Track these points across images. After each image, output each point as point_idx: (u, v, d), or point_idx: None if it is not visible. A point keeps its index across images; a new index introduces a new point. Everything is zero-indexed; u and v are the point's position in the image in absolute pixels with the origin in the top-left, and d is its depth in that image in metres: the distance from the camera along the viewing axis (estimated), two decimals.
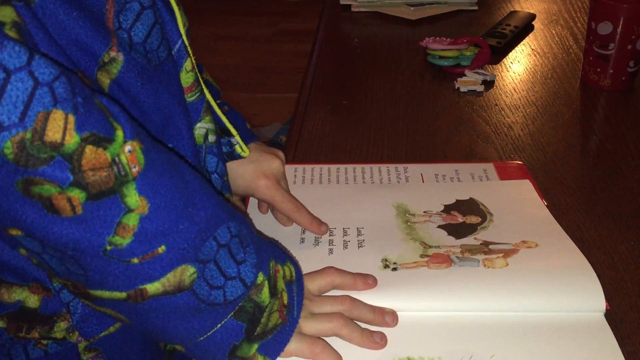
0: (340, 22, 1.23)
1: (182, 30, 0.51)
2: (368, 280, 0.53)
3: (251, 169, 0.61)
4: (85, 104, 0.35)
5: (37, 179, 0.34)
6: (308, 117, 0.87)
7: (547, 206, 0.64)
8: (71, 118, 0.34)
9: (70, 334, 0.49)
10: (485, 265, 0.55)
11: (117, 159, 0.36)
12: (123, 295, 0.40)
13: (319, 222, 0.60)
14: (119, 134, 0.36)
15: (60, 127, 0.34)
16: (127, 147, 0.37)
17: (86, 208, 0.36)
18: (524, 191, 0.67)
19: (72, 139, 0.34)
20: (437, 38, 1.03)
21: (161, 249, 0.39)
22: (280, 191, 0.61)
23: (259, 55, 2.96)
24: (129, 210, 0.37)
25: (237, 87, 2.60)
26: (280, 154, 0.64)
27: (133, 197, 0.37)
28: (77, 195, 0.35)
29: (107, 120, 0.36)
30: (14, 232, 0.37)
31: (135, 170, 0.37)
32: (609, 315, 0.51)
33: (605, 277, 0.55)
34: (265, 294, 0.44)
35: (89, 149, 0.35)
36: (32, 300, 0.47)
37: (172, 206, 0.39)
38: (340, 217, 0.63)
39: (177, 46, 0.51)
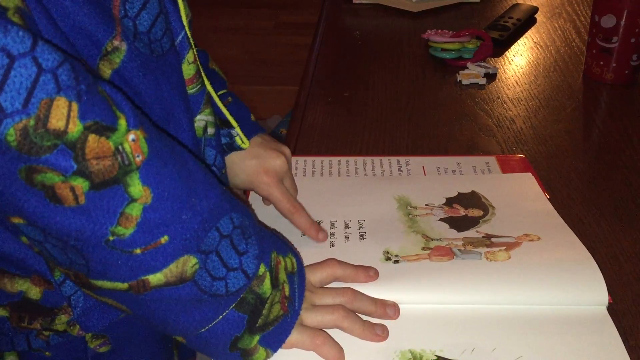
0: (342, 14, 1.22)
1: (185, 22, 0.51)
2: (370, 273, 0.52)
3: (253, 165, 0.60)
4: (89, 92, 0.34)
5: (40, 167, 0.34)
6: (309, 109, 0.87)
7: (549, 199, 0.64)
8: (74, 106, 0.34)
9: (71, 327, 0.49)
10: (487, 258, 0.54)
11: (120, 147, 0.36)
12: (125, 285, 0.39)
13: (317, 227, 0.58)
14: (122, 122, 0.36)
15: (63, 115, 0.33)
16: (131, 136, 0.36)
17: (89, 198, 0.35)
18: (526, 184, 0.67)
19: (75, 127, 0.34)
20: (439, 30, 1.03)
21: (164, 239, 0.38)
22: (280, 190, 0.59)
23: (259, 47, 2.95)
24: (132, 200, 0.37)
25: (237, 80, 2.58)
26: (286, 150, 0.63)
27: (136, 187, 0.36)
28: (80, 184, 0.35)
29: (110, 108, 0.36)
30: (16, 220, 0.37)
31: (139, 159, 0.36)
32: (612, 309, 0.51)
33: (608, 270, 0.55)
34: (266, 285, 0.44)
35: (92, 138, 0.34)
36: (34, 292, 0.47)
37: (176, 196, 0.39)
38: (341, 209, 0.63)
39: (180, 37, 0.50)
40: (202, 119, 0.54)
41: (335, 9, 1.24)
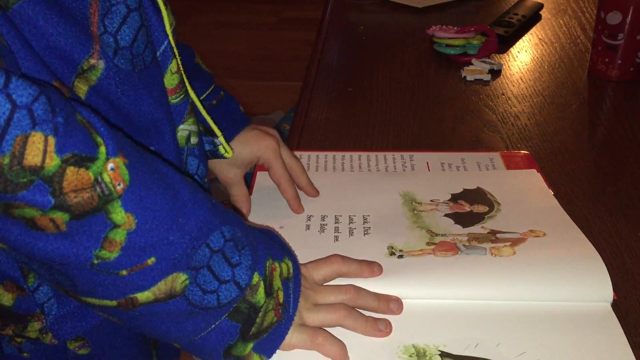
0: (346, 9, 1.22)
1: (169, 31, 0.50)
2: (374, 268, 0.52)
3: (254, 134, 0.64)
4: (67, 124, 0.34)
5: (17, 204, 0.33)
6: (313, 104, 0.87)
7: (554, 196, 0.64)
8: (51, 140, 0.33)
9: (44, 335, 0.48)
10: (492, 254, 0.54)
11: (99, 178, 0.35)
12: (113, 303, 0.39)
13: (299, 201, 0.62)
14: (102, 150, 0.35)
15: (39, 150, 0.32)
16: (110, 165, 0.35)
17: (71, 226, 0.35)
18: (532, 180, 0.66)
19: (52, 162, 0.33)
20: (444, 26, 1.02)
21: (150, 260, 0.38)
22: (280, 159, 0.63)
23: (262, 43, 2.95)
24: (116, 226, 0.36)
25: (240, 75, 2.59)
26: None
27: (119, 214, 0.36)
28: (60, 216, 0.34)
29: (90, 137, 0.35)
30: (0, 245, 0.36)
31: (120, 187, 0.36)
32: (616, 306, 0.51)
33: (612, 267, 0.55)
34: (260, 294, 0.44)
35: (70, 170, 0.34)
36: (6, 298, 0.47)
37: (161, 219, 0.38)
38: (345, 204, 0.63)
39: (163, 47, 0.50)
40: (185, 129, 0.54)
41: (339, 5, 1.23)
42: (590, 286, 0.51)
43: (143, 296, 0.39)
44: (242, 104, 0.68)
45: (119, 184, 0.36)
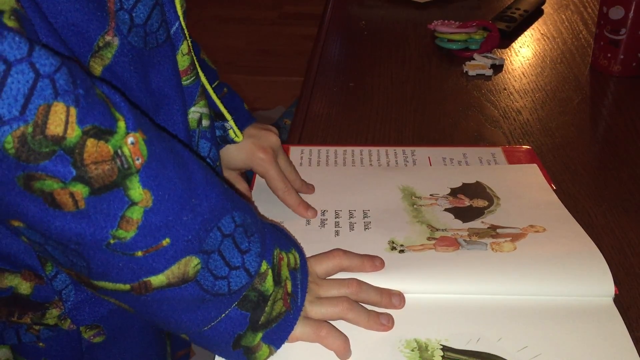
0: (347, 4, 1.21)
1: (180, 12, 0.50)
2: (375, 262, 0.52)
3: (250, 143, 0.63)
4: (87, 96, 0.34)
5: (38, 174, 0.33)
6: (314, 99, 0.86)
7: (555, 191, 0.64)
8: (73, 111, 0.33)
9: (62, 322, 0.49)
10: (493, 249, 0.54)
11: (119, 151, 0.35)
12: (126, 287, 0.39)
13: (306, 205, 0.61)
14: (121, 124, 0.35)
15: (61, 121, 0.33)
16: (130, 139, 0.35)
17: (89, 203, 0.35)
18: (532, 175, 0.66)
19: (73, 132, 0.33)
20: (446, 21, 1.02)
21: (165, 241, 0.38)
22: (275, 169, 0.62)
23: (263, 37, 2.94)
24: (133, 204, 0.36)
25: (241, 70, 2.58)
26: (274, 129, 0.66)
27: (137, 190, 0.36)
28: (80, 190, 0.34)
29: (109, 111, 0.35)
30: (16, 223, 0.36)
31: (138, 162, 0.36)
32: (618, 300, 0.51)
33: (614, 262, 0.55)
34: (269, 282, 0.44)
35: (91, 142, 0.34)
36: (24, 287, 0.47)
37: (176, 198, 0.38)
38: (346, 199, 0.63)
39: (174, 28, 0.49)
40: (196, 111, 0.54)
41: None
42: (591, 281, 0.51)
43: (157, 280, 0.39)
44: (243, 99, 0.67)
45: (137, 159, 0.36)
